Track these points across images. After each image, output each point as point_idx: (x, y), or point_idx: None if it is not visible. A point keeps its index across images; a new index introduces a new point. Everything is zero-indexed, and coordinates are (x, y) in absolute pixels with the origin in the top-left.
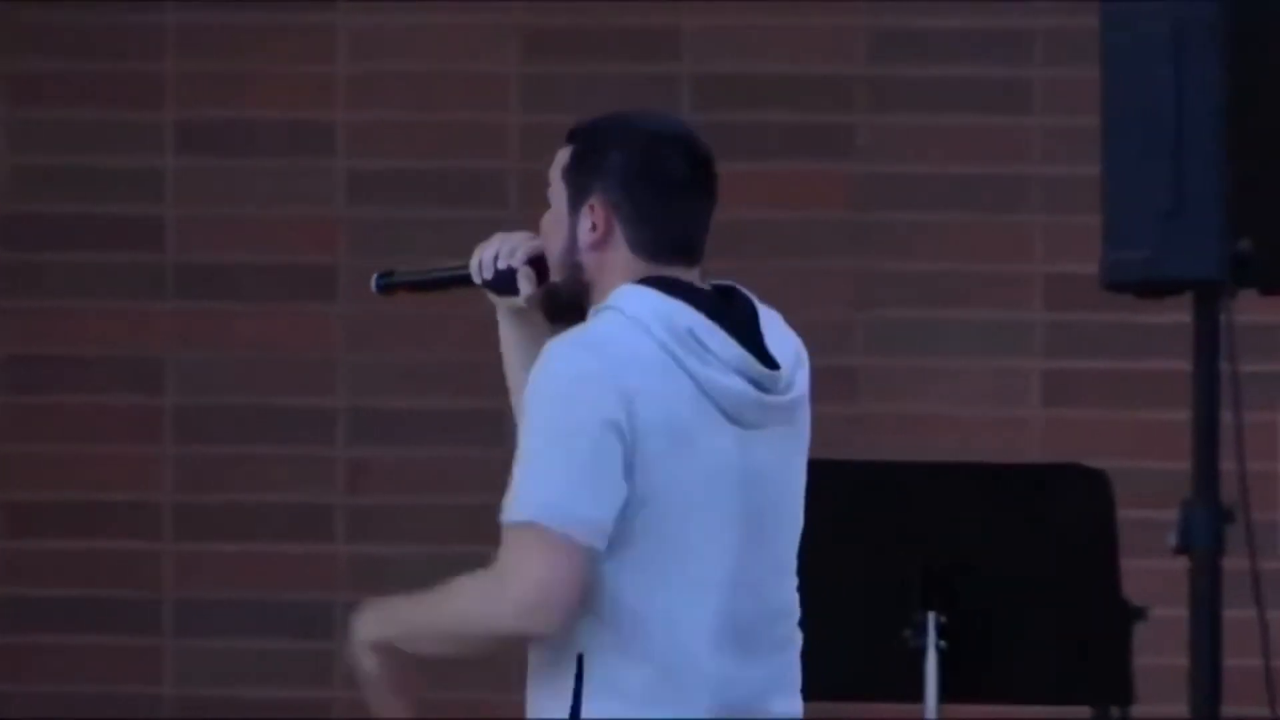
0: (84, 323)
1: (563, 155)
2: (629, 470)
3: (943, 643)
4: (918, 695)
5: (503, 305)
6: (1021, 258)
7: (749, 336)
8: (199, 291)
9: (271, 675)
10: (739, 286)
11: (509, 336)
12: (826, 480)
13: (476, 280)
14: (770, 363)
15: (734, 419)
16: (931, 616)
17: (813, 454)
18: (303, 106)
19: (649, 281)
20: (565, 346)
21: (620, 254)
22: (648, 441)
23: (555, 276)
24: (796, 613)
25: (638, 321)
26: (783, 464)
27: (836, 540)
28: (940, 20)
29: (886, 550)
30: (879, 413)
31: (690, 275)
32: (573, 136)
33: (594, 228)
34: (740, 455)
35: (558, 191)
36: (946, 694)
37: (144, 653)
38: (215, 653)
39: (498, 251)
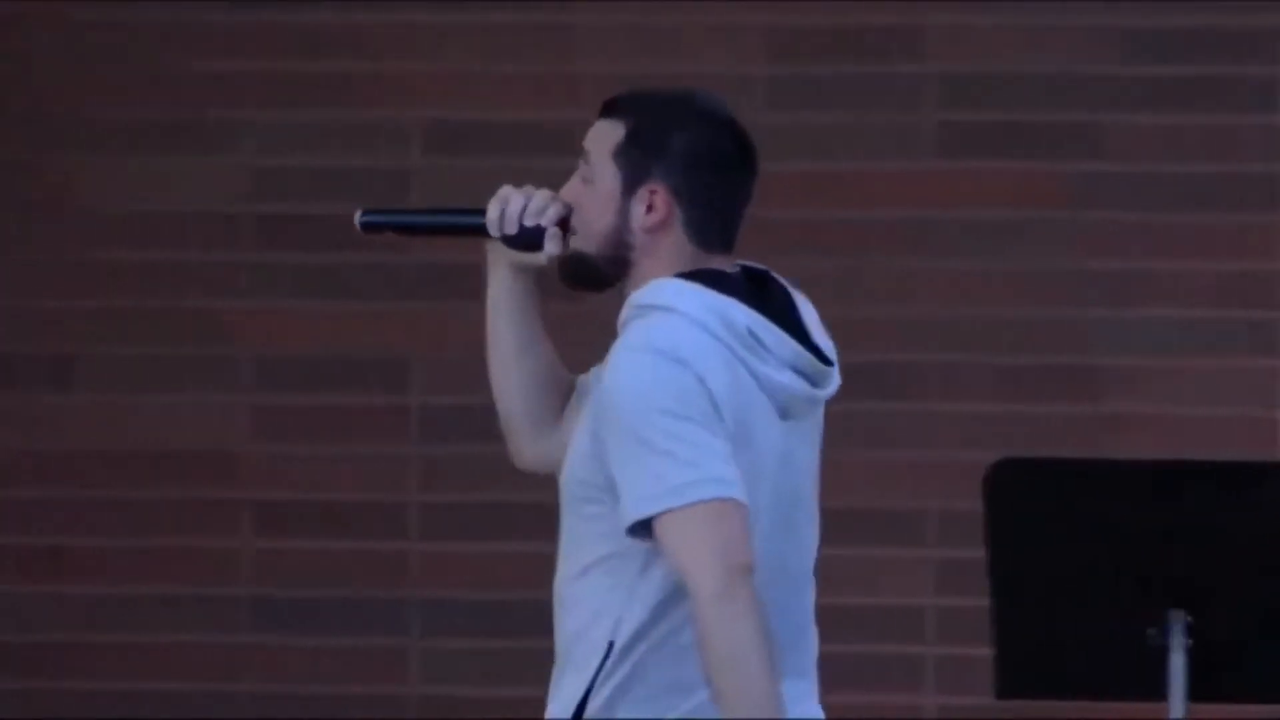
0: (322, 323)
1: (609, 131)
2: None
3: (1189, 642)
4: (1160, 694)
5: (507, 259)
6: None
7: (794, 327)
8: (446, 291)
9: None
10: (772, 272)
11: (509, 290)
12: (1073, 480)
13: (494, 233)
14: (823, 358)
15: (783, 414)
16: (1177, 615)
17: (1061, 452)
18: (546, 107)
19: (694, 276)
20: (645, 356)
21: (673, 239)
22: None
23: (590, 249)
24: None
25: (698, 322)
26: (810, 456)
27: (1082, 539)
28: (1183, 19)
29: (1132, 549)
30: (1124, 412)
31: (729, 264)
32: (619, 112)
33: (650, 210)
34: (784, 448)
35: (605, 169)
36: (1191, 694)
37: (389, 653)
38: (459, 653)
39: (524, 207)
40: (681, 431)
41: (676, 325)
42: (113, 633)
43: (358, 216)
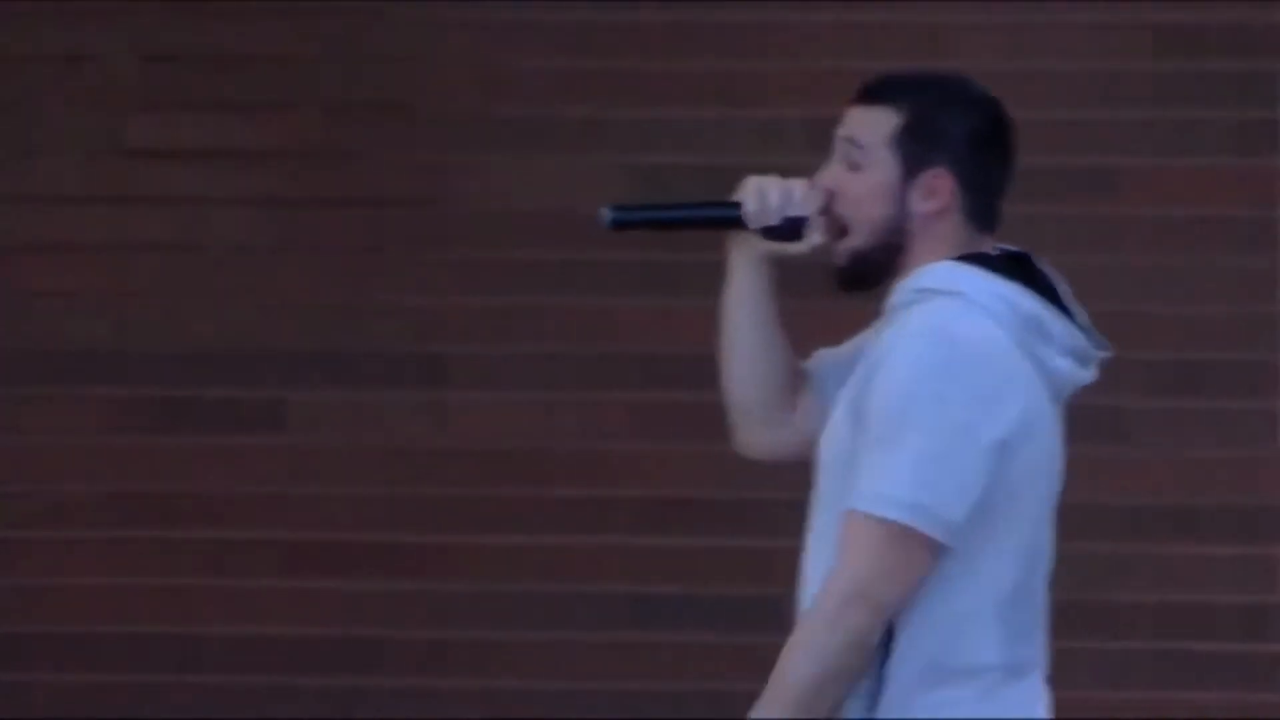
0: (698, 321)
1: (881, 118)
2: (990, 465)
3: None
4: None
5: (758, 252)
6: None
7: (1062, 310)
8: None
9: None
10: (1032, 254)
11: (753, 286)
12: None
13: (754, 225)
14: (1099, 343)
15: (1055, 399)
16: None
17: None
18: None
19: (971, 259)
20: (930, 347)
21: (950, 224)
22: (1011, 437)
23: (861, 239)
24: None
25: (986, 308)
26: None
27: None
28: None
29: None
30: None
31: (991, 247)
32: (887, 99)
33: (931, 196)
34: (1055, 435)
35: (881, 157)
36: None
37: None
38: None
39: (783, 198)
40: (939, 434)
41: (964, 312)
42: (487, 630)
43: (606, 214)
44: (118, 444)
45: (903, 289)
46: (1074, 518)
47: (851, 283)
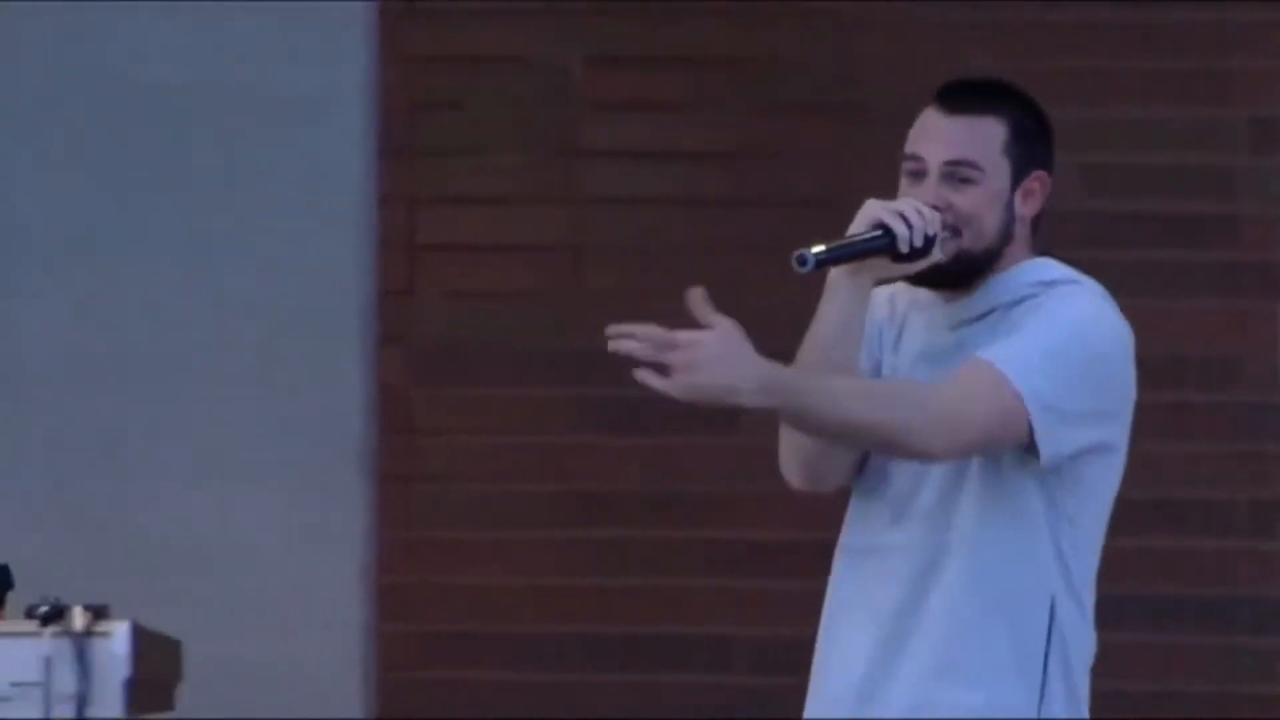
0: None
1: (989, 129)
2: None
3: None
4: None
5: (872, 274)
6: None
7: None
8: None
9: None
10: None
11: (859, 310)
12: None
13: (905, 248)
14: None
15: None
16: None
17: None
18: None
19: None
20: (1101, 302)
21: (1028, 225)
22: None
23: (980, 246)
24: None
25: (1103, 295)
26: None
27: None
28: None
29: None
30: None
31: None
32: (988, 109)
33: (1029, 198)
34: None
35: (997, 167)
36: None
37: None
38: None
39: (919, 219)
40: (1085, 375)
41: (1103, 297)
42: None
43: (810, 258)
44: (568, 443)
45: (1011, 285)
46: None
47: (948, 280)
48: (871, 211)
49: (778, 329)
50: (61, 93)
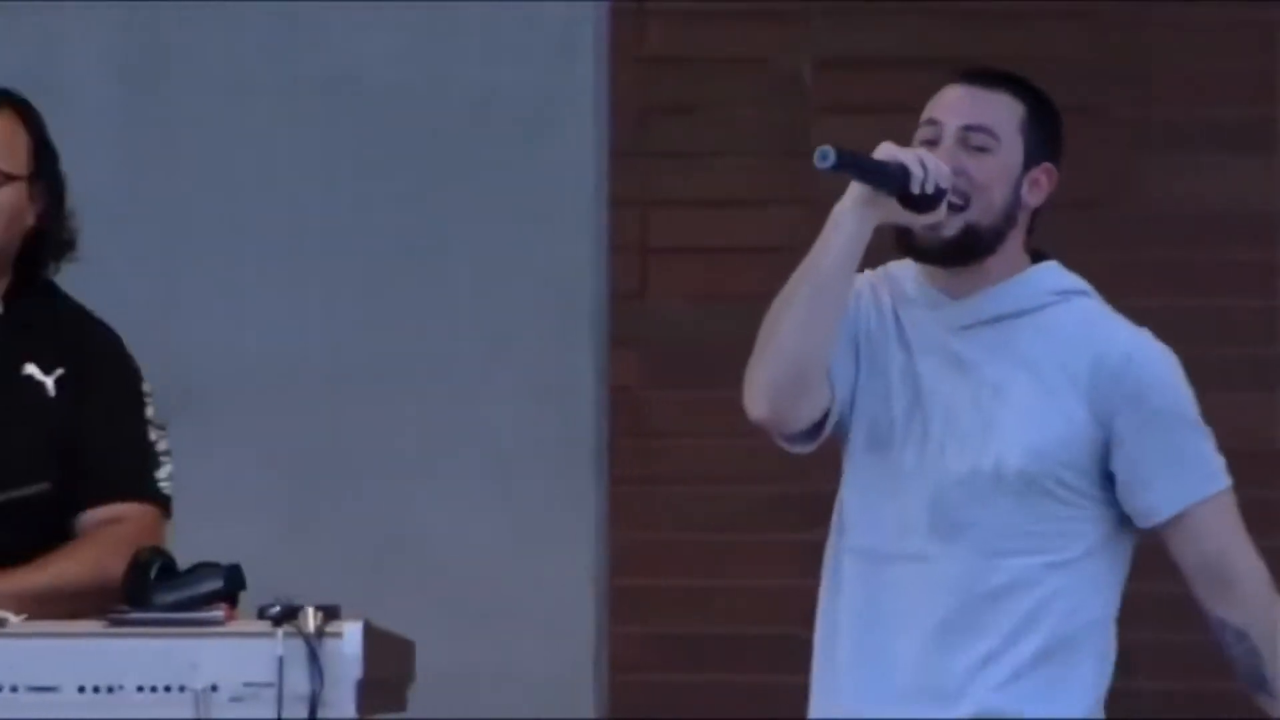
0: None
1: (1010, 105)
2: None
3: None
4: None
5: (879, 218)
6: None
7: None
8: None
9: None
10: None
11: (855, 247)
12: None
13: (916, 189)
14: None
15: None
16: None
17: None
18: None
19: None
20: (1170, 356)
21: (1029, 216)
22: None
23: (985, 220)
24: None
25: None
26: None
27: None
28: None
29: None
30: None
31: None
32: (1008, 88)
33: (1036, 188)
34: None
35: (1012, 142)
36: None
37: None
38: None
39: (935, 169)
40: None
41: (1149, 335)
42: None
43: (831, 154)
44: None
45: (1027, 292)
46: None
47: (956, 255)
48: (888, 149)
49: None
50: (287, 95)
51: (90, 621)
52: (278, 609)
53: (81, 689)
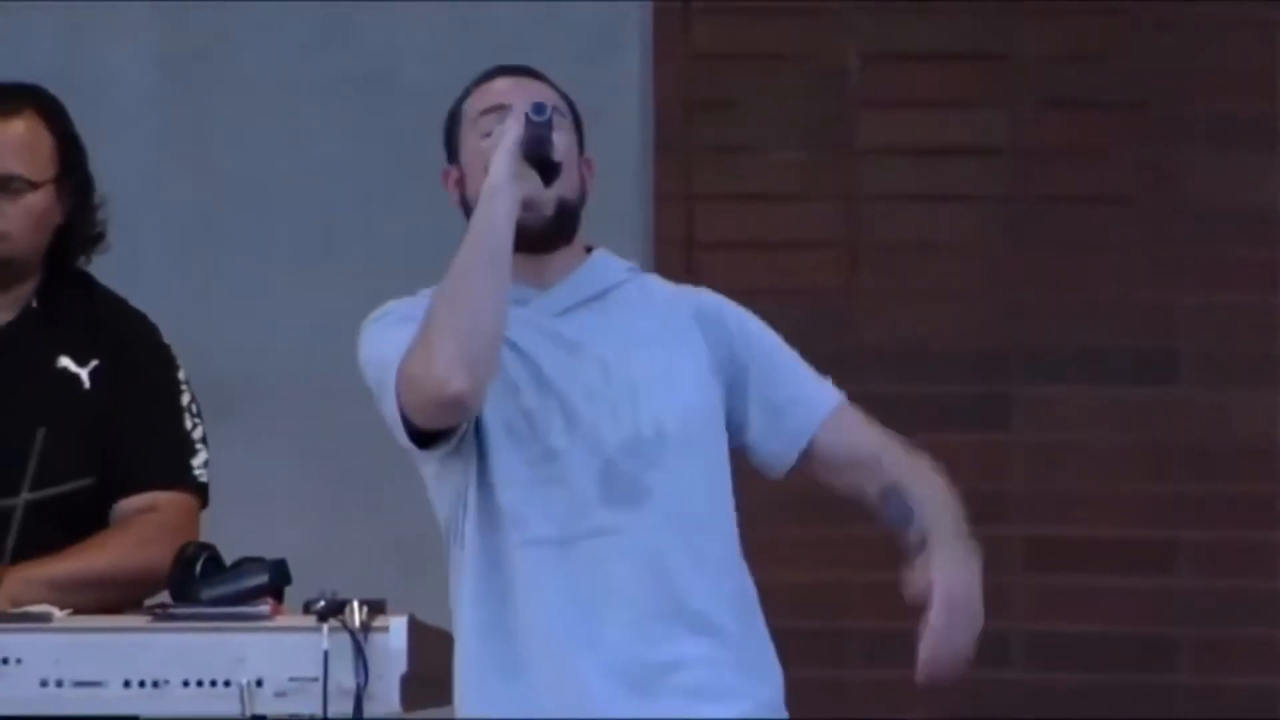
0: None
1: (552, 93)
2: None
3: None
4: None
5: (522, 189)
6: None
7: None
8: None
9: None
10: None
11: (514, 220)
12: None
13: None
14: None
15: None
16: None
17: None
18: None
19: None
20: None
21: None
22: None
23: (569, 195)
24: None
25: None
26: None
27: None
28: None
29: None
30: None
31: None
32: (539, 78)
33: (586, 178)
34: None
35: (568, 128)
36: None
37: None
38: None
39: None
40: None
41: None
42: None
43: (549, 110)
44: None
45: (609, 272)
46: None
47: (554, 234)
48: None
49: (1051, 323)
50: (322, 92)
51: (136, 616)
52: (323, 604)
53: (127, 684)
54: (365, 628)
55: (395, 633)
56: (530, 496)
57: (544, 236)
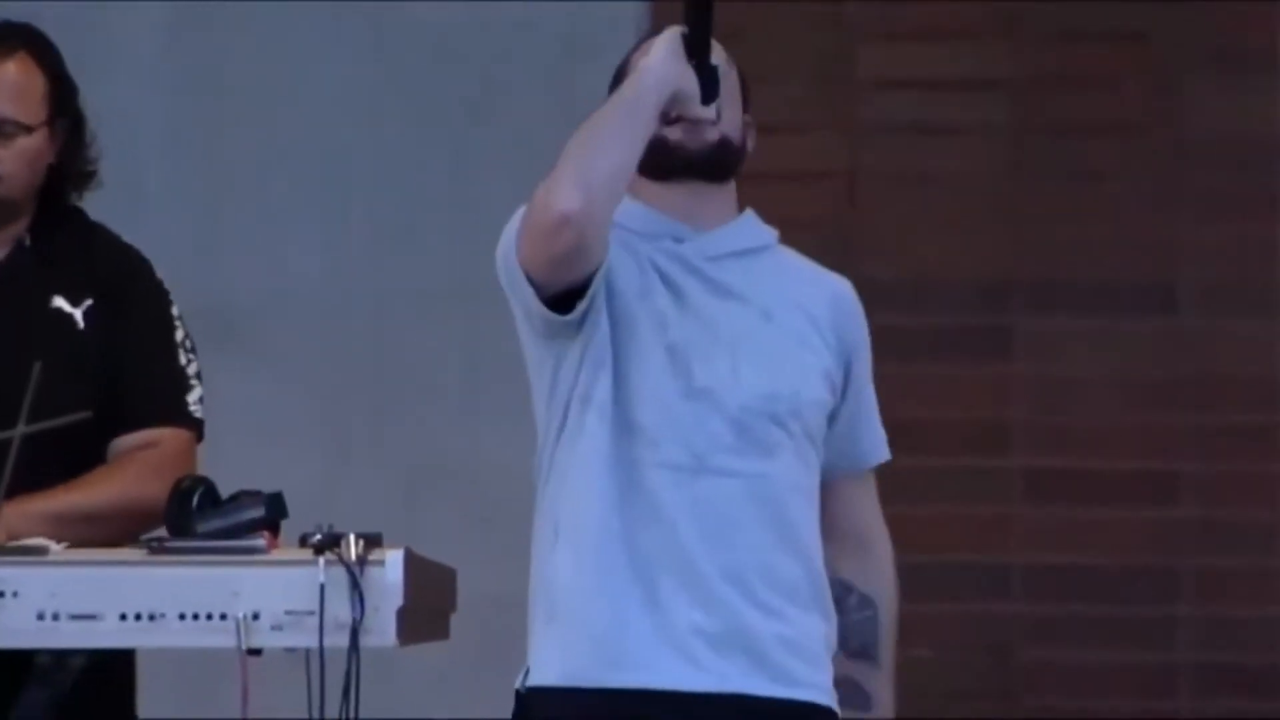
0: None
1: (724, 58)
2: None
3: None
4: None
5: (676, 83)
6: None
7: None
8: None
9: None
10: None
11: (664, 98)
12: None
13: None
14: None
15: None
16: None
17: None
18: None
19: None
20: None
21: None
22: None
23: (732, 135)
24: None
25: None
26: None
27: None
28: None
29: None
30: None
31: None
32: None
33: (751, 136)
34: None
35: (734, 80)
36: None
37: None
38: None
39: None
40: None
41: None
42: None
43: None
44: None
45: (761, 231)
46: None
47: (711, 166)
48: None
49: (1053, 255)
50: (329, 25)
51: (132, 549)
52: (319, 537)
53: (123, 616)
54: (361, 561)
55: (391, 566)
56: (669, 422)
57: (703, 160)
